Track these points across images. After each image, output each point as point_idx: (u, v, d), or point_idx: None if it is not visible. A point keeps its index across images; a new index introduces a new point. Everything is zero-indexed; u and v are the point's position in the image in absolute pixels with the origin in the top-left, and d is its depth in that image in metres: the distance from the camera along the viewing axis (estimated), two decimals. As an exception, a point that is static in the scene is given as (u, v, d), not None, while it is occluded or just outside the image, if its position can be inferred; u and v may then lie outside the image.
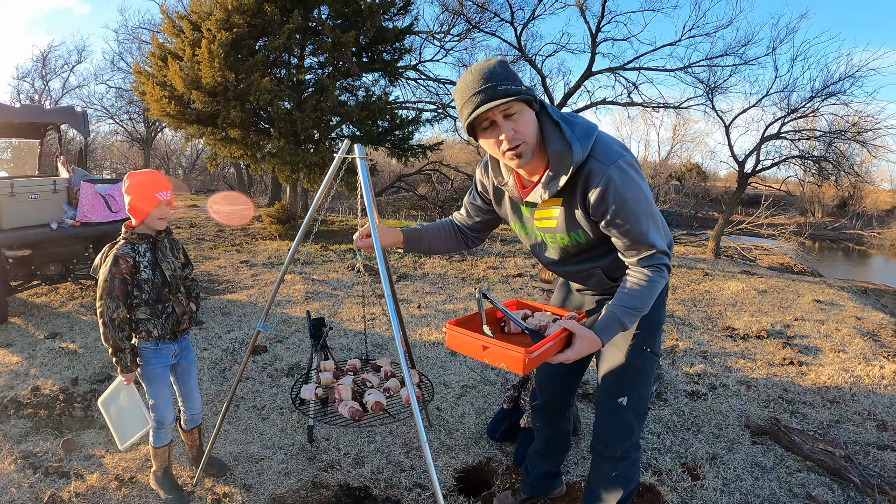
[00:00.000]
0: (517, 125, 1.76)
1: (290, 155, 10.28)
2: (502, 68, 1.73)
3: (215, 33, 9.75)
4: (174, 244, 2.94)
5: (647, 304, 1.92)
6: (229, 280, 7.57)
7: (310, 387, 2.52)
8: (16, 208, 5.88)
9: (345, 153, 2.35)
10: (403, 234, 2.31)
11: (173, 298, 2.84)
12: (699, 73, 15.60)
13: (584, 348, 1.86)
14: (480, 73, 1.72)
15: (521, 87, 1.73)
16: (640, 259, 1.92)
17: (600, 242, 2.01)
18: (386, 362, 2.80)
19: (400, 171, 23.85)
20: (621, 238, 1.90)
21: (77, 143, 22.13)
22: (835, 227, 26.78)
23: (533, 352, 1.74)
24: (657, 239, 1.89)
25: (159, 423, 2.91)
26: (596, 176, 1.80)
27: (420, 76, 17.47)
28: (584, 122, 1.88)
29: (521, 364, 1.73)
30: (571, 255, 2.11)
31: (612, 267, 2.08)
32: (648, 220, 1.87)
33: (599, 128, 1.88)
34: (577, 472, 3.31)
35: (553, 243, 2.10)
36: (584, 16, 15.53)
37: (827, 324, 6.50)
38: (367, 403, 2.36)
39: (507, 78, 1.71)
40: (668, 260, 1.93)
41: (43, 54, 28.17)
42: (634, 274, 1.93)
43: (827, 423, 4.03)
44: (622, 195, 1.80)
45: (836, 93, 14.27)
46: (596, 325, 1.90)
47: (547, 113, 1.86)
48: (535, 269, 8.77)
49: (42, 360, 4.75)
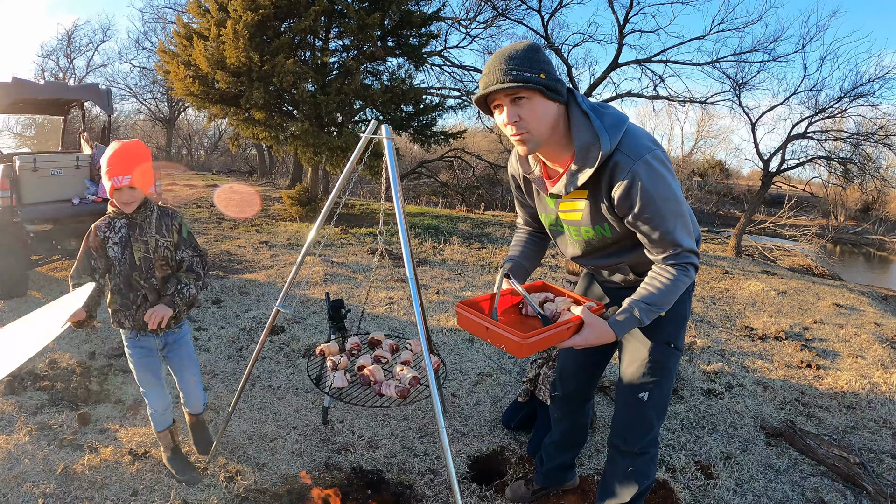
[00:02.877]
0: (523, 112, 1.73)
1: (314, 137, 10.29)
2: (526, 52, 1.69)
3: (241, 14, 9.76)
4: (167, 221, 2.72)
5: (668, 303, 1.90)
6: (248, 260, 7.62)
7: (339, 374, 2.48)
8: (38, 183, 5.94)
9: (371, 133, 2.34)
10: (512, 274, 2.15)
11: (145, 285, 2.64)
12: (727, 69, 15.35)
13: (592, 337, 1.85)
14: (503, 54, 1.71)
15: (539, 75, 1.68)
16: (665, 257, 1.88)
17: (626, 236, 1.97)
18: (380, 335, 2.83)
19: (422, 156, 23.81)
20: (647, 235, 1.86)
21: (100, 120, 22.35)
22: (857, 231, 26.37)
23: (530, 337, 1.76)
24: (685, 238, 1.85)
25: (152, 410, 2.91)
26: (622, 171, 1.76)
27: (445, 62, 17.40)
28: (614, 112, 1.84)
29: (519, 348, 1.76)
30: (596, 248, 2.07)
31: (638, 262, 2.05)
32: (676, 219, 1.82)
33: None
34: (591, 465, 3.31)
35: (578, 236, 2.07)
36: (612, 6, 15.33)
37: (846, 328, 6.42)
38: (405, 380, 2.40)
39: (525, 63, 1.67)
40: (695, 259, 1.89)
41: (68, 33, 28.46)
42: (659, 271, 1.90)
43: (842, 428, 3.99)
44: (649, 192, 1.75)
45: (865, 94, 13.98)
46: (612, 317, 1.88)
47: (576, 102, 1.82)
48: (553, 260, 8.73)
49: (60, 334, 4.81)
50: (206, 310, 5.52)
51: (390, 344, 2.75)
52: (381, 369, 2.49)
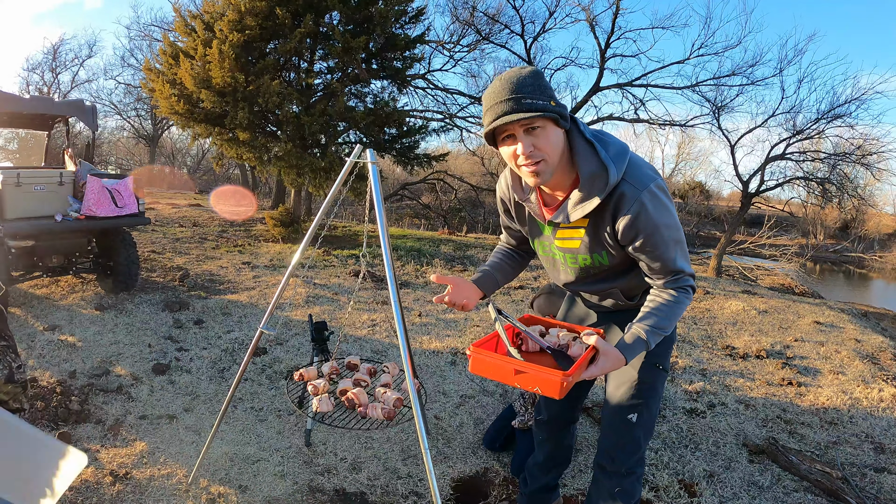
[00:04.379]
0: (538, 141, 1.69)
1: (297, 159, 10.31)
2: (533, 79, 1.65)
3: (227, 34, 9.81)
4: None
5: (671, 325, 1.92)
6: (231, 280, 7.57)
7: (325, 399, 2.46)
8: (21, 198, 5.88)
9: (357, 157, 2.36)
10: (478, 284, 2.21)
11: None
12: (706, 92, 15.65)
13: (609, 365, 1.82)
14: (509, 81, 1.65)
15: (550, 102, 1.65)
16: (666, 282, 1.92)
17: (621, 262, 1.99)
18: (356, 359, 2.84)
19: (404, 179, 23.89)
20: (649, 263, 1.89)
21: (83, 137, 22.21)
22: (836, 250, 26.78)
23: (569, 375, 1.67)
24: (685, 264, 1.90)
25: None
26: (628, 201, 1.76)
27: (429, 85, 17.53)
28: (616, 142, 1.84)
29: (558, 388, 1.66)
30: (591, 275, 2.08)
31: (629, 287, 2.08)
32: (677, 246, 1.86)
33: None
34: (575, 485, 3.31)
35: (573, 263, 2.06)
36: (593, 31, 15.60)
37: (827, 345, 6.49)
38: (388, 402, 2.39)
39: (536, 90, 1.64)
40: (693, 282, 1.93)
41: (54, 47, 28.39)
42: (661, 294, 1.93)
43: (825, 444, 4.03)
44: (654, 222, 1.77)
45: (841, 115, 14.32)
46: (621, 343, 1.87)
47: (579, 131, 1.81)
48: (536, 283, 8.77)
49: (40, 352, 4.75)
50: (187, 330, 5.47)
51: (368, 367, 2.76)
52: (364, 392, 2.49)
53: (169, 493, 2.99)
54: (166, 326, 5.55)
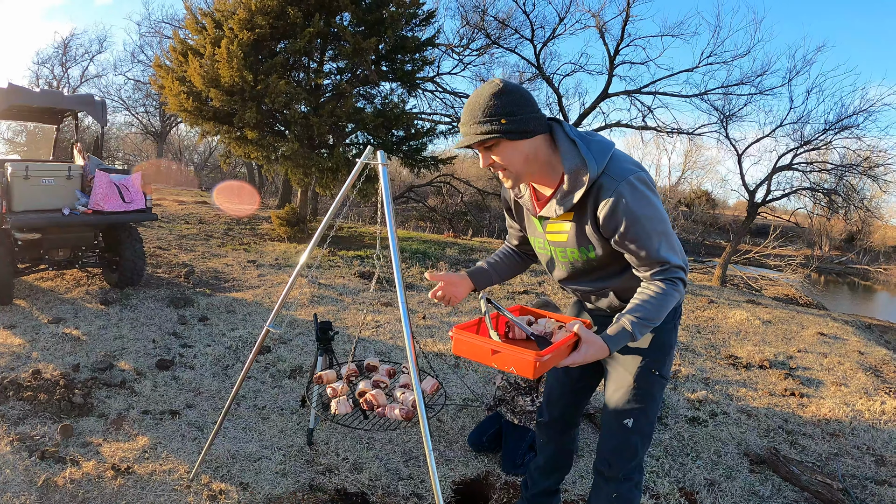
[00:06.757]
0: (498, 157, 1.86)
1: (304, 158, 10.33)
2: (487, 101, 1.78)
3: (237, 32, 9.85)
4: None
5: (659, 317, 1.91)
6: (236, 279, 7.60)
7: (343, 400, 2.48)
8: (29, 191, 5.91)
9: (367, 159, 2.37)
10: (471, 277, 2.31)
11: None
12: (714, 101, 15.67)
13: (591, 354, 1.84)
14: (468, 105, 1.83)
15: (501, 120, 1.77)
16: (653, 273, 1.92)
17: (613, 260, 2.01)
18: (376, 361, 2.86)
19: (411, 181, 23.92)
20: (633, 255, 1.90)
21: (92, 131, 22.31)
22: (842, 261, 26.70)
23: (544, 355, 1.72)
24: (671, 255, 1.89)
25: None
26: (606, 191, 1.82)
27: (437, 88, 17.58)
28: (601, 139, 1.92)
29: (532, 368, 1.71)
30: (582, 271, 2.11)
31: (623, 288, 2.08)
32: (660, 237, 1.86)
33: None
34: (576, 490, 3.31)
35: (563, 258, 2.10)
36: (603, 38, 15.65)
37: (830, 357, 6.48)
38: (407, 403, 2.43)
39: (485, 113, 1.77)
40: (683, 274, 1.93)
41: (65, 41, 28.56)
42: (649, 286, 1.93)
43: (826, 455, 4.02)
44: (633, 212, 1.80)
45: (849, 126, 14.28)
46: (605, 333, 1.89)
47: (563, 130, 1.90)
48: (540, 287, 8.77)
49: (44, 345, 4.77)
50: (192, 327, 5.49)
51: (387, 369, 2.77)
52: (383, 393, 2.51)
53: (170, 489, 3.00)
54: (171, 322, 5.57)
